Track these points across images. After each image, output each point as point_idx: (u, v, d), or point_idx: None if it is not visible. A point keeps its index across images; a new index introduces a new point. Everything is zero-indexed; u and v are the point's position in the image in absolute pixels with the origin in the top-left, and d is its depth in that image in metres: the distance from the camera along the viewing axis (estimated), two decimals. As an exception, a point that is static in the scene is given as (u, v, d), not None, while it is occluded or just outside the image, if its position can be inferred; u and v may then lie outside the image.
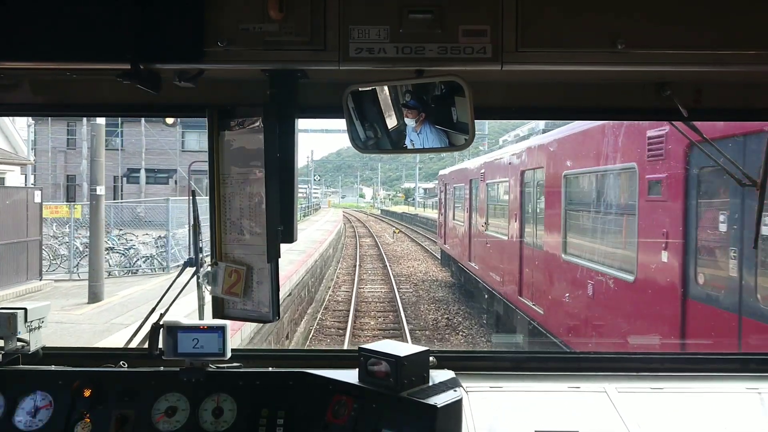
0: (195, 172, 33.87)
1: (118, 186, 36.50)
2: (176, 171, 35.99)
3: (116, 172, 36.11)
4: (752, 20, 1.64)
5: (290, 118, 1.97)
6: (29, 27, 1.68)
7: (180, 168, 35.35)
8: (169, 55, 1.71)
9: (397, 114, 1.86)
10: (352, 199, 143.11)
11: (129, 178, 37.61)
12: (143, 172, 36.79)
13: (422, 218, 54.18)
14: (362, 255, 29.18)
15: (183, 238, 19.05)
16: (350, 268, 24.64)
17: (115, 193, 35.56)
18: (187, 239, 17.48)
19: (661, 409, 2.14)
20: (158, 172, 37.32)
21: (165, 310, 2.31)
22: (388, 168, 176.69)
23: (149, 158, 36.46)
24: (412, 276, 22.79)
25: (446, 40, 1.66)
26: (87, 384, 2.13)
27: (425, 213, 63.79)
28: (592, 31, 1.65)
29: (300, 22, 1.68)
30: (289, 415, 2.09)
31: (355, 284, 20.05)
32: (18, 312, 2.21)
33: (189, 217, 2.61)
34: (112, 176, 35.41)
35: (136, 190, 36.38)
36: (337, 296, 18.53)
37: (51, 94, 2.19)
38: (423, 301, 17.58)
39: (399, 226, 49.72)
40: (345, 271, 23.98)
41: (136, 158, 36.39)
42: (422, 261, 27.77)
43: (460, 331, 14.19)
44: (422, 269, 25.11)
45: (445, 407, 1.84)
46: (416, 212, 67.63)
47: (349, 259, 27.93)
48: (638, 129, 7.05)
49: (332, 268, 23.49)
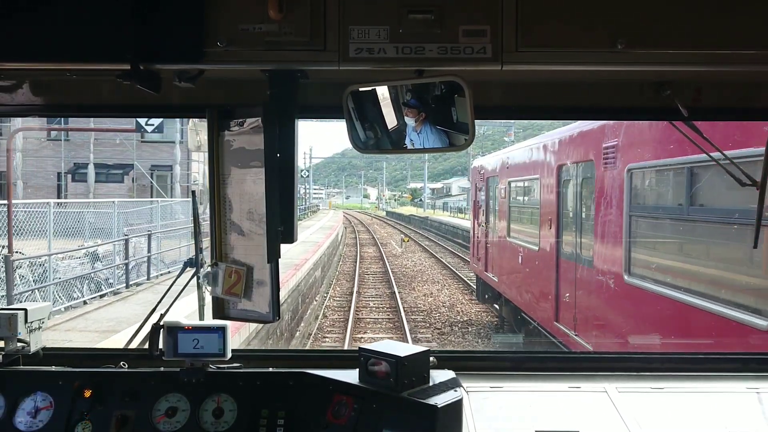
0: (157, 168, 29.41)
1: (62, 185, 29.69)
2: (133, 166, 29.31)
3: (60, 167, 29.42)
4: (752, 20, 1.64)
5: (290, 118, 1.97)
6: (29, 28, 1.68)
7: (138, 163, 28.94)
8: (169, 55, 1.71)
9: (397, 114, 1.86)
10: (356, 200, 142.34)
11: (75, 175, 30.33)
12: (92, 167, 29.45)
13: (433, 222, 48.09)
14: (363, 273, 22.54)
15: (141, 249, 16.07)
16: (346, 296, 17.83)
17: (59, 194, 28.81)
18: (147, 248, 15.65)
19: (662, 408, 2.14)
20: (111, 167, 30.24)
21: (165, 311, 2.31)
22: (393, 168, 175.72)
23: (100, 151, 29.51)
24: (432, 313, 15.55)
25: (446, 40, 1.66)
26: (87, 384, 2.13)
27: (436, 215, 58.67)
28: (592, 31, 1.65)
29: (300, 22, 1.68)
30: (290, 415, 2.09)
31: (349, 328, 13.57)
32: (18, 313, 2.21)
33: (192, 220, 2.60)
34: (56, 173, 29.58)
35: (83, 189, 29.11)
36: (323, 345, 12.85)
37: (51, 95, 2.19)
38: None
39: (407, 232, 43.59)
40: (337, 303, 16.97)
41: (85, 150, 29.42)
42: (443, 285, 19.84)
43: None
44: (445, 299, 17.47)
45: (446, 407, 1.84)
46: (426, 215, 61.79)
47: (345, 282, 20.91)
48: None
49: (319, 299, 17.01)
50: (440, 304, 16.91)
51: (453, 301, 17.28)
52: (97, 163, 29.76)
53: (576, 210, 9.19)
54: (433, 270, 23.36)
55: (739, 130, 4.88)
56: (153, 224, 18.95)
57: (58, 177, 29.79)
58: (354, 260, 26.25)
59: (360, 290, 18.79)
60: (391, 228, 50.77)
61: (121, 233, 16.44)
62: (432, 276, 21.83)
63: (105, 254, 15.38)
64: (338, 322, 14.63)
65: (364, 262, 25.84)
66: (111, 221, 17.00)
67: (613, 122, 7.70)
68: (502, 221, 13.64)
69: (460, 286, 19.56)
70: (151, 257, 15.84)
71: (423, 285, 19.81)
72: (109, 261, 15.18)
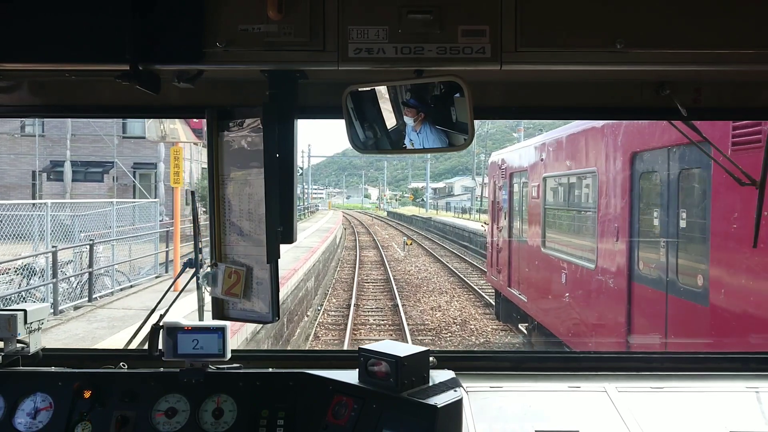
0: (139, 166, 27.91)
1: (37, 184, 27.65)
2: (113, 164, 27.29)
3: (35, 165, 27.43)
4: (751, 19, 1.64)
5: (289, 118, 1.97)
6: (28, 28, 1.68)
7: (119, 160, 26.98)
8: (169, 55, 1.71)
9: (396, 114, 1.86)
10: (357, 200, 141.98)
11: (51, 173, 28.10)
12: (68, 165, 27.05)
13: (437, 223, 45.74)
14: (362, 281, 20.29)
15: (105, 258, 13.87)
16: (342, 309, 15.84)
17: (33, 194, 27.00)
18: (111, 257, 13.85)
19: (662, 408, 2.14)
20: (90, 165, 28.20)
21: (165, 311, 2.31)
22: (394, 167, 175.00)
23: (78, 147, 27.30)
24: (442, 332, 13.36)
25: (445, 40, 1.66)
26: (87, 385, 2.13)
27: (439, 216, 56.34)
28: (591, 31, 1.66)
29: (299, 22, 1.68)
30: (290, 415, 2.09)
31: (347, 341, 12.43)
32: (18, 314, 2.21)
33: (192, 220, 2.59)
34: (30, 171, 27.62)
35: (60, 189, 26.87)
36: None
37: (50, 96, 2.19)
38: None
39: (409, 233, 41.05)
40: (332, 320, 14.89)
41: (62, 147, 27.15)
42: (451, 296, 17.48)
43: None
44: (455, 313, 15.08)
45: (446, 407, 1.84)
46: (429, 215, 59.36)
47: (342, 291, 18.71)
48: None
49: (311, 313, 14.96)
50: (451, 320, 14.30)
51: (465, 316, 14.85)
52: (75, 161, 27.49)
53: (668, 216, 6.48)
54: (439, 277, 21.06)
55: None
56: (109, 230, 15.88)
57: (33, 176, 27.75)
58: (353, 265, 24.30)
59: (358, 302, 16.67)
60: (393, 229, 48.78)
61: (77, 239, 13.89)
62: (439, 284, 19.48)
63: (61, 265, 11.92)
64: (332, 345, 13.08)
65: (364, 268, 23.85)
66: (98, 222, 15.19)
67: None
68: (534, 227, 10.80)
69: (471, 297, 17.18)
70: (105, 268, 13.26)
71: (429, 296, 17.54)
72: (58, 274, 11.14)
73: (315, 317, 14.88)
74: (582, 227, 8.88)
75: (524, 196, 11.87)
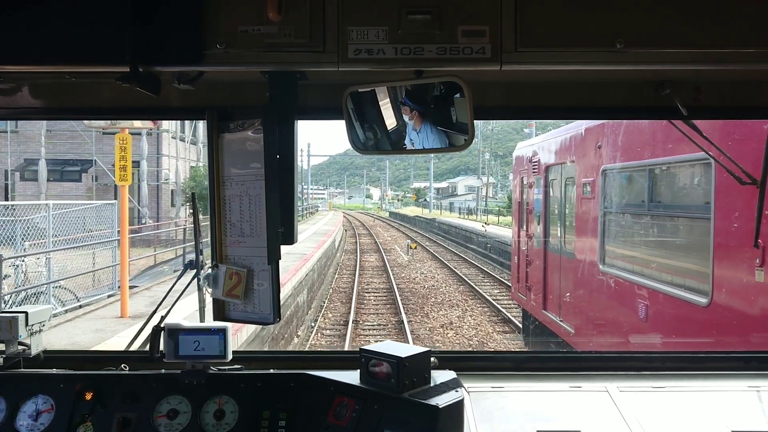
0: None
1: (10, 184, 25.79)
2: (93, 162, 25.56)
3: (6, 164, 25.64)
4: (751, 19, 1.64)
5: (290, 119, 1.97)
6: (28, 31, 1.68)
7: (99, 158, 25.10)
8: (169, 57, 1.71)
9: (396, 114, 1.86)
10: (359, 200, 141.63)
11: (25, 172, 26.43)
12: (43, 164, 25.47)
13: (442, 224, 43.39)
14: (362, 290, 18.38)
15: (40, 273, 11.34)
16: (339, 327, 13.83)
17: (6, 195, 25.23)
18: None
19: (663, 407, 2.14)
20: (67, 163, 26.28)
21: (166, 313, 2.32)
22: (396, 167, 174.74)
23: (54, 144, 25.68)
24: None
25: (445, 40, 1.66)
26: (88, 387, 2.13)
27: (443, 217, 54.64)
28: (591, 31, 1.66)
29: (299, 23, 1.68)
30: (291, 416, 2.09)
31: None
32: (19, 316, 2.21)
33: (192, 221, 2.60)
34: (2, 171, 25.86)
35: (35, 189, 25.39)
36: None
37: (50, 98, 2.19)
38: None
39: (413, 236, 38.88)
40: (326, 342, 12.93)
41: (37, 144, 25.48)
42: (463, 309, 15.46)
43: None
44: (470, 332, 13.09)
45: (447, 408, 1.84)
46: (432, 216, 57.24)
47: (340, 304, 16.69)
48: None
49: (302, 333, 13.13)
50: (466, 341, 12.12)
51: (481, 335, 12.61)
52: (51, 159, 25.56)
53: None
54: (448, 286, 18.75)
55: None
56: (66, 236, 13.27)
57: (5, 175, 25.82)
58: (353, 272, 22.15)
59: (358, 317, 14.59)
60: (395, 231, 46.23)
61: (20, 249, 11.67)
62: (448, 295, 17.31)
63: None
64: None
65: (365, 275, 21.64)
66: (75, 224, 13.23)
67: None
68: (584, 237, 8.29)
69: (487, 311, 14.96)
70: (37, 287, 10.81)
71: (438, 309, 15.33)
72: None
73: (307, 337, 12.91)
74: (678, 241, 6.32)
75: (567, 195, 9.20)
